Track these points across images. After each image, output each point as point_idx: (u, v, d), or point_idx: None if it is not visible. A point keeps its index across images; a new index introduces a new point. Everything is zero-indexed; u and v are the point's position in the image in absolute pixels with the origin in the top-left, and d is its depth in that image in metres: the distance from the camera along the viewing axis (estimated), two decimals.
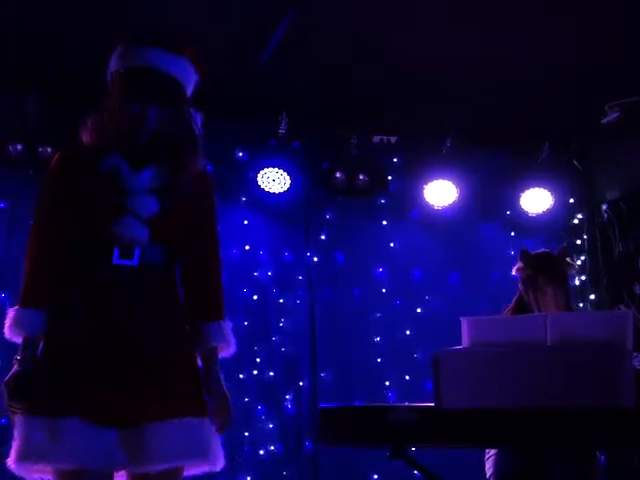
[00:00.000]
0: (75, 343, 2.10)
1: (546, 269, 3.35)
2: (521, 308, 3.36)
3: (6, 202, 4.83)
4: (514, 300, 3.44)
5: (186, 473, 2.16)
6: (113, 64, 2.28)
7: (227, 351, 2.29)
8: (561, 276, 3.37)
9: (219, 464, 2.15)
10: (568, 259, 3.47)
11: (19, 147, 4.64)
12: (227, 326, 2.29)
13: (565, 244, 3.50)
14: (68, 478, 2.02)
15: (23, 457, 2.01)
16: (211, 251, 2.31)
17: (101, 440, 2.01)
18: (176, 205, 2.22)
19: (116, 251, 2.15)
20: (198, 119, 2.33)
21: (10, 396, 2.08)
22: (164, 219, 2.19)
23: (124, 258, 2.15)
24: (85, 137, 2.26)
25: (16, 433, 2.06)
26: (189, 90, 2.32)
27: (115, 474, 2.10)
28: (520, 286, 3.43)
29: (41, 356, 2.14)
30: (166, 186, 2.21)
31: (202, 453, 2.11)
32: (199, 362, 2.27)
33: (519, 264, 3.42)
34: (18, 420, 2.07)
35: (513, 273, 3.47)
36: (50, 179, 2.25)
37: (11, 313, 2.16)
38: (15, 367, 2.12)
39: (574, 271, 4.33)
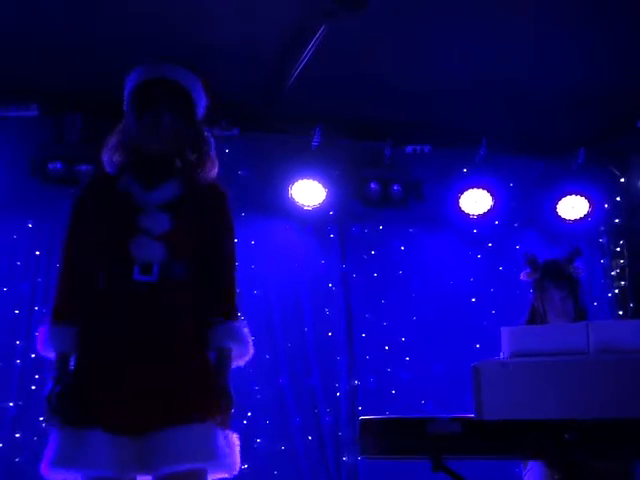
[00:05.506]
0: (99, 358, 2.23)
1: (552, 274, 3.34)
2: (534, 315, 3.35)
3: (46, 220, 4.89)
4: (529, 308, 3.42)
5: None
6: (128, 84, 2.35)
7: (242, 351, 2.31)
8: (568, 280, 3.35)
9: (233, 468, 2.21)
10: (575, 263, 3.42)
11: (58, 165, 4.70)
12: (240, 326, 2.32)
13: (575, 248, 3.43)
14: None
15: (56, 463, 2.15)
16: (226, 258, 2.36)
17: (118, 449, 2.15)
18: (189, 220, 2.29)
19: (136, 268, 2.24)
20: (211, 140, 2.39)
21: (51, 412, 2.20)
22: (178, 235, 2.27)
23: (144, 274, 2.24)
24: (105, 158, 2.38)
25: (50, 442, 2.19)
26: (200, 110, 2.37)
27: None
28: (531, 293, 3.42)
29: (72, 371, 2.26)
30: (177, 202, 2.29)
31: (206, 456, 2.16)
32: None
33: (526, 270, 3.40)
34: (53, 431, 2.20)
35: (521, 278, 3.45)
36: (75, 207, 2.38)
37: (43, 331, 2.28)
38: (53, 384, 2.23)
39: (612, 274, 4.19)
